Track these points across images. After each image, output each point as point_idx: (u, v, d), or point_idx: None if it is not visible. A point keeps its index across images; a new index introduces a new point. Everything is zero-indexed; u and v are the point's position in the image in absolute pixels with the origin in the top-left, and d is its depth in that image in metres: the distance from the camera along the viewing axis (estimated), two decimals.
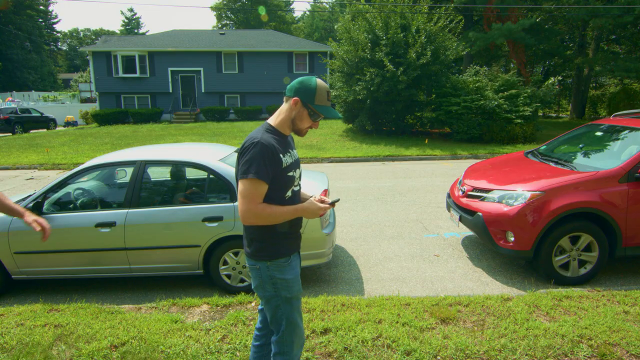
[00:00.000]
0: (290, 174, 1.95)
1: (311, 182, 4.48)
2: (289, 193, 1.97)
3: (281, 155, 1.88)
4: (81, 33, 68.18)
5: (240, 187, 1.81)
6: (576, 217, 3.99)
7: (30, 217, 2.22)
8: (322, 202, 2.01)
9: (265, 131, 1.90)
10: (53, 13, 59.77)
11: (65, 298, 4.01)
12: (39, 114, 24.53)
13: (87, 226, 3.91)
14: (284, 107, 1.96)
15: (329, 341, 2.92)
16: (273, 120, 1.98)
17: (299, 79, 1.92)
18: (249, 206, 1.80)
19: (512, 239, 4.04)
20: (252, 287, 2.04)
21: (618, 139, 4.71)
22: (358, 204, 7.22)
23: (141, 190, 4.06)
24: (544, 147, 5.42)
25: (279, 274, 1.96)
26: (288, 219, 1.90)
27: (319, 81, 1.92)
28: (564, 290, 3.75)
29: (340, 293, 4.00)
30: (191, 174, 4.53)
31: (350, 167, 11.57)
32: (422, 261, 4.78)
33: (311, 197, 2.08)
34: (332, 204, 1.98)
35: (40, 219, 2.22)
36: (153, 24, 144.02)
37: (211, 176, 4.07)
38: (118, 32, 62.16)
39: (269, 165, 1.82)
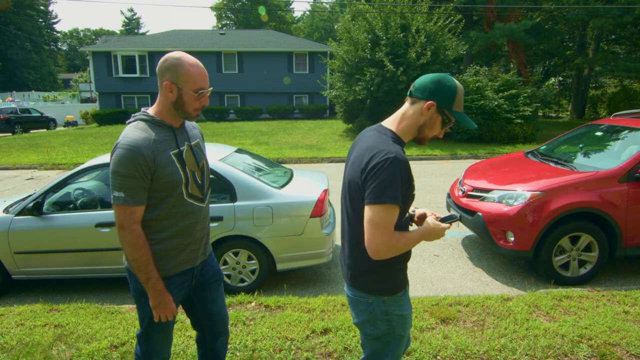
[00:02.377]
0: (413, 192, 1.61)
1: (311, 182, 4.48)
2: (406, 214, 1.66)
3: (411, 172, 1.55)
4: (81, 33, 68.21)
5: (372, 214, 1.45)
6: (576, 217, 3.99)
7: None
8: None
9: (393, 142, 1.54)
10: (53, 13, 59.84)
11: (65, 298, 4.01)
12: (39, 114, 24.54)
13: (87, 226, 3.91)
14: (410, 110, 1.59)
15: (329, 341, 2.92)
16: (393, 125, 1.62)
17: (433, 77, 1.55)
18: (384, 238, 1.45)
19: (512, 239, 4.04)
20: (354, 321, 1.75)
21: (618, 139, 4.71)
22: None
23: None
24: (544, 147, 5.42)
25: (396, 310, 1.66)
26: (414, 246, 1.58)
27: (458, 82, 1.58)
28: (564, 290, 3.76)
29: (340, 293, 4.00)
30: None
31: None
32: (422, 261, 4.78)
33: (421, 213, 1.76)
34: (451, 222, 1.67)
35: None
36: (153, 24, 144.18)
37: (211, 176, 4.07)
38: (118, 32, 62.19)
39: (404, 186, 1.49)
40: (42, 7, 52.53)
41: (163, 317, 1.82)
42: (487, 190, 4.43)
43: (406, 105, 1.62)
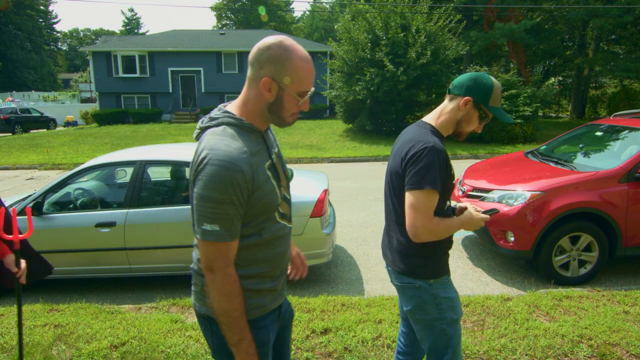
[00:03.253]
0: (453, 182, 1.69)
1: (311, 182, 4.48)
2: (447, 203, 1.72)
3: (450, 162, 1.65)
4: (81, 33, 68.21)
5: (412, 199, 1.55)
6: (576, 217, 3.99)
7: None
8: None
9: (431, 133, 1.66)
10: (53, 13, 59.84)
11: (65, 298, 4.01)
12: (39, 114, 24.54)
13: (87, 226, 3.91)
14: (448, 106, 1.71)
15: (329, 341, 2.92)
16: (432, 120, 1.73)
17: (471, 75, 1.67)
18: (424, 221, 1.55)
19: (512, 238, 4.04)
20: (405, 309, 1.77)
21: (618, 139, 4.71)
22: (358, 204, 7.22)
23: (141, 190, 4.06)
24: (544, 147, 5.42)
25: (443, 292, 1.71)
26: (454, 232, 1.67)
27: (494, 79, 1.67)
28: (564, 290, 3.76)
29: (340, 293, 4.00)
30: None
31: (350, 167, 11.57)
32: None
33: (462, 206, 1.80)
34: (491, 214, 1.75)
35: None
36: (153, 24, 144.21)
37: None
38: (118, 32, 62.19)
39: (442, 173, 1.58)
40: (42, 7, 52.53)
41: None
42: (487, 190, 4.43)
43: (445, 101, 1.74)
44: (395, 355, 2.10)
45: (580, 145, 5.05)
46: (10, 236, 2.11)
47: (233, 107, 1.37)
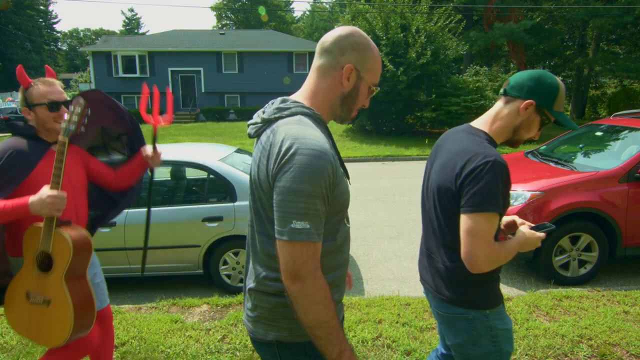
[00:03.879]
0: (509, 199, 1.48)
1: None
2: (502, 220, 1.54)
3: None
4: (81, 33, 68.21)
5: (471, 224, 1.33)
6: (576, 217, 3.99)
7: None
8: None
9: (487, 143, 1.43)
10: (53, 13, 59.84)
11: None
12: None
13: None
14: (504, 110, 1.47)
15: None
16: (485, 125, 1.50)
17: (532, 74, 1.41)
18: (485, 249, 1.33)
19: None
20: (450, 343, 1.56)
21: (618, 139, 4.71)
22: (358, 204, 7.22)
23: (141, 190, 4.05)
24: (544, 147, 5.42)
25: (501, 324, 1.50)
26: (511, 257, 1.43)
27: (559, 80, 1.44)
28: (564, 290, 3.76)
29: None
30: (191, 174, 4.53)
31: (350, 167, 11.58)
32: None
33: (509, 221, 1.61)
34: (547, 232, 1.53)
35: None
36: (153, 24, 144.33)
37: (211, 176, 4.07)
38: (118, 32, 62.18)
39: (504, 192, 1.37)
40: (42, 7, 52.54)
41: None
42: None
43: (499, 104, 1.50)
44: None
45: (580, 145, 5.05)
46: (151, 119, 2.17)
47: (300, 98, 1.24)
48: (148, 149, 2.14)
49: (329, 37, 1.21)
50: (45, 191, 1.66)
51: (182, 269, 4.07)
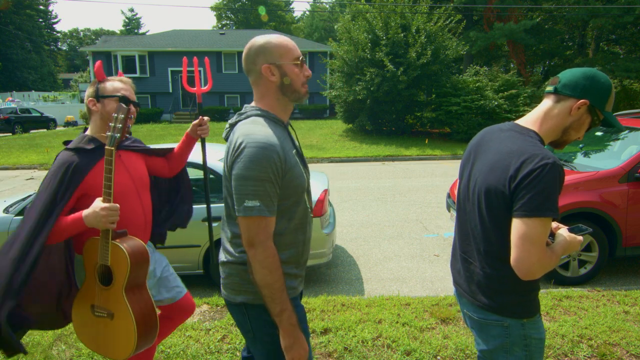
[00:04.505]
0: None
1: (311, 182, 4.48)
2: None
3: None
4: (81, 33, 68.19)
5: (526, 229, 1.27)
6: (576, 217, 3.99)
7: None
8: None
9: (540, 143, 1.39)
10: (53, 13, 59.84)
11: None
12: (39, 114, 24.53)
13: None
14: (555, 109, 1.40)
15: (329, 341, 2.92)
16: (535, 124, 1.44)
17: (585, 72, 1.37)
18: (540, 256, 1.28)
19: None
20: (482, 348, 1.53)
21: (618, 139, 4.71)
22: (358, 204, 7.22)
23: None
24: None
25: (536, 334, 1.46)
26: (558, 263, 1.41)
27: (609, 79, 1.39)
28: (564, 290, 3.76)
29: (340, 293, 4.00)
30: (191, 173, 4.52)
31: (350, 167, 11.57)
32: (422, 261, 4.78)
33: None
34: (584, 234, 1.52)
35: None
36: (153, 24, 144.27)
37: (211, 176, 4.07)
38: (118, 32, 62.18)
39: (559, 195, 1.31)
40: (42, 7, 52.54)
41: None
42: None
43: (548, 103, 1.42)
44: None
45: (580, 145, 5.05)
46: (194, 88, 2.18)
47: (255, 102, 1.49)
48: (195, 121, 2.17)
49: (246, 51, 1.45)
50: (98, 204, 1.67)
51: (182, 269, 4.07)
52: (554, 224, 1.52)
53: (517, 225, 1.29)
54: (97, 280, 1.77)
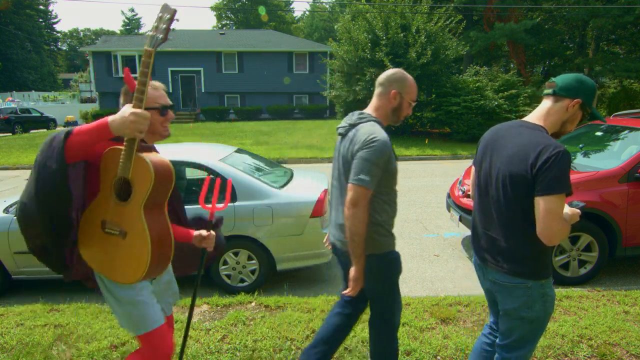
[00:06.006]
0: None
1: (311, 182, 4.48)
2: None
3: None
4: (81, 33, 68.14)
5: (549, 204, 1.59)
6: None
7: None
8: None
9: (549, 135, 1.73)
10: (53, 13, 59.79)
11: (65, 298, 4.01)
12: (39, 114, 24.52)
13: None
14: (554, 107, 1.76)
15: None
16: (540, 120, 1.78)
17: (576, 77, 1.74)
18: (560, 225, 1.61)
19: None
20: (507, 307, 1.84)
21: (618, 139, 4.71)
22: None
23: None
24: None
25: (550, 291, 1.81)
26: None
27: (593, 82, 1.79)
28: (564, 290, 3.76)
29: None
30: (191, 174, 4.53)
31: None
32: (422, 261, 4.78)
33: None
34: (580, 208, 1.83)
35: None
36: None
37: (211, 176, 4.06)
38: (118, 32, 62.14)
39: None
40: (42, 7, 52.51)
41: (354, 291, 2.00)
42: None
43: (548, 103, 1.78)
44: (481, 342, 2.18)
45: (580, 145, 5.05)
46: (209, 206, 2.06)
47: (369, 111, 2.10)
48: (203, 232, 2.03)
49: (382, 75, 2.10)
50: (128, 109, 1.49)
51: None
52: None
53: (541, 202, 1.61)
54: (113, 194, 1.61)
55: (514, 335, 1.86)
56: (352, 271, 1.96)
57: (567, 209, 1.78)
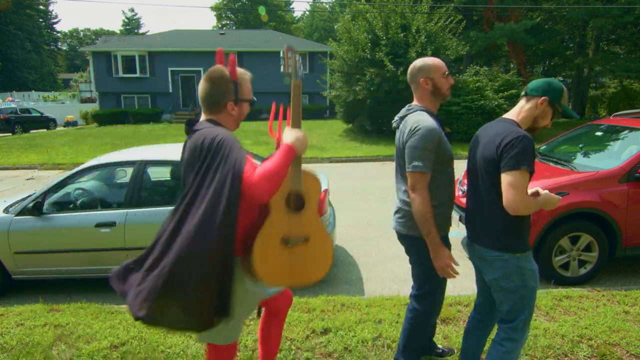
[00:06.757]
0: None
1: None
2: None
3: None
4: (81, 33, 68.14)
5: (511, 178, 1.86)
6: (576, 217, 3.99)
7: None
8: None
9: (518, 126, 1.99)
10: (53, 13, 59.79)
11: (65, 298, 4.01)
12: (39, 114, 24.53)
13: (87, 226, 3.91)
14: (526, 105, 2.05)
15: (329, 341, 2.92)
16: (513, 116, 2.06)
17: (544, 80, 2.04)
18: (522, 197, 1.86)
19: None
20: (489, 278, 2.10)
21: (618, 139, 4.71)
22: (358, 204, 7.22)
23: (141, 190, 4.06)
24: (544, 147, 5.42)
25: (528, 265, 2.03)
26: (539, 208, 2.00)
27: (561, 84, 2.05)
28: (564, 290, 3.76)
29: (340, 293, 4.00)
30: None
31: (350, 167, 11.57)
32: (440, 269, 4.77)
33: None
34: (562, 195, 2.10)
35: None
36: (153, 24, 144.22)
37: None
38: (118, 32, 62.14)
39: (533, 158, 1.89)
40: (42, 7, 52.51)
41: (442, 270, 2.09)
42: None
43: (522, 102, 2.08)
44: (468, 322, 2.44)
45: (580, 145, 5.05)
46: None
47: (415, 102, 2.26)
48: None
49: (408, 74, 2.27)
50: (296, 131, 1.70)
51: None
52: (541, 190, 2.13)
53: (504, 177, 1.90)
54: (287, 208, 1.76)
55: (504, 307, 2.09)
56: (430, 252, 2.09)
57: (546, 193, 2.06)
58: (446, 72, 2.20)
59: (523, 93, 2.08)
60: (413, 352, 2.46)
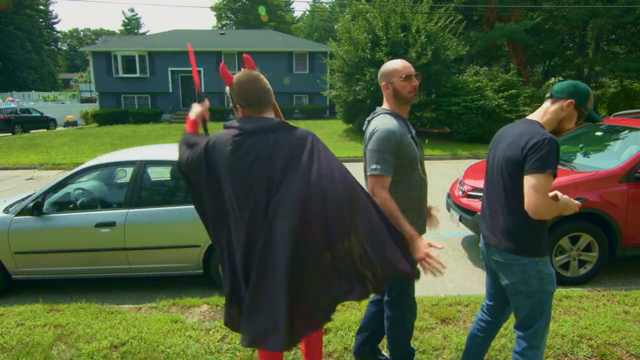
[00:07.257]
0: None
1: None
2: None
3: None
4: (81, 33, 68.14)
5: (535, 181, 1.81)
6: (576, 217, 3.98)
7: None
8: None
9: (542, 128, 1.95)
10: (53, 13, 59.76)
11: (65, 298, 4.01)
12: (39, 114, 24.52)
13: (87, 226, 3.91)
14: (551, 107, 2.00)
15: (329, 341, 2.92)
16: (538, 118, 2.02)
17: (570, 82, 2.01)
18: (544, 200, 1.81)
19: None
20: (506, 282, 2.03)
21: (618, 139, 4.71)
22: None
23: (141, 190, 4.06)
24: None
25: (546, 269, 1.98)
26: (559, 212, 1.97)
27: (587, 87, 2.02)
28: (564, 290, 3.75)
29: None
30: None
31: (350, 167, 11.49)
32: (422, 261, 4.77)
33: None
34: (581, 201, 2.03)
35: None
36: (153, 24, 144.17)
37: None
38: (118, 32, 62.13)
39: (558, 161, 1.86)
40: (42, 7, 52.51)
41: (424, 263, 2.00)
42: None
43: (547, 104, 2.03)
44: (475, 324, 2.36)
45: (580, 145, 5.05)
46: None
47: (384, 105, 2.26)
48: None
49: (378, 74, 2.22)
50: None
51: (182, 269, 4.07)
52: (560, 194, 2.03)
53: (527, 180, 1.84)
54: None
55: (522, 312, 2.03)
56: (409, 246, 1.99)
57: (566, 198, 2.00)
58: (405, 75, 2.11)
59: (548, 95, 2.05)
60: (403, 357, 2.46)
